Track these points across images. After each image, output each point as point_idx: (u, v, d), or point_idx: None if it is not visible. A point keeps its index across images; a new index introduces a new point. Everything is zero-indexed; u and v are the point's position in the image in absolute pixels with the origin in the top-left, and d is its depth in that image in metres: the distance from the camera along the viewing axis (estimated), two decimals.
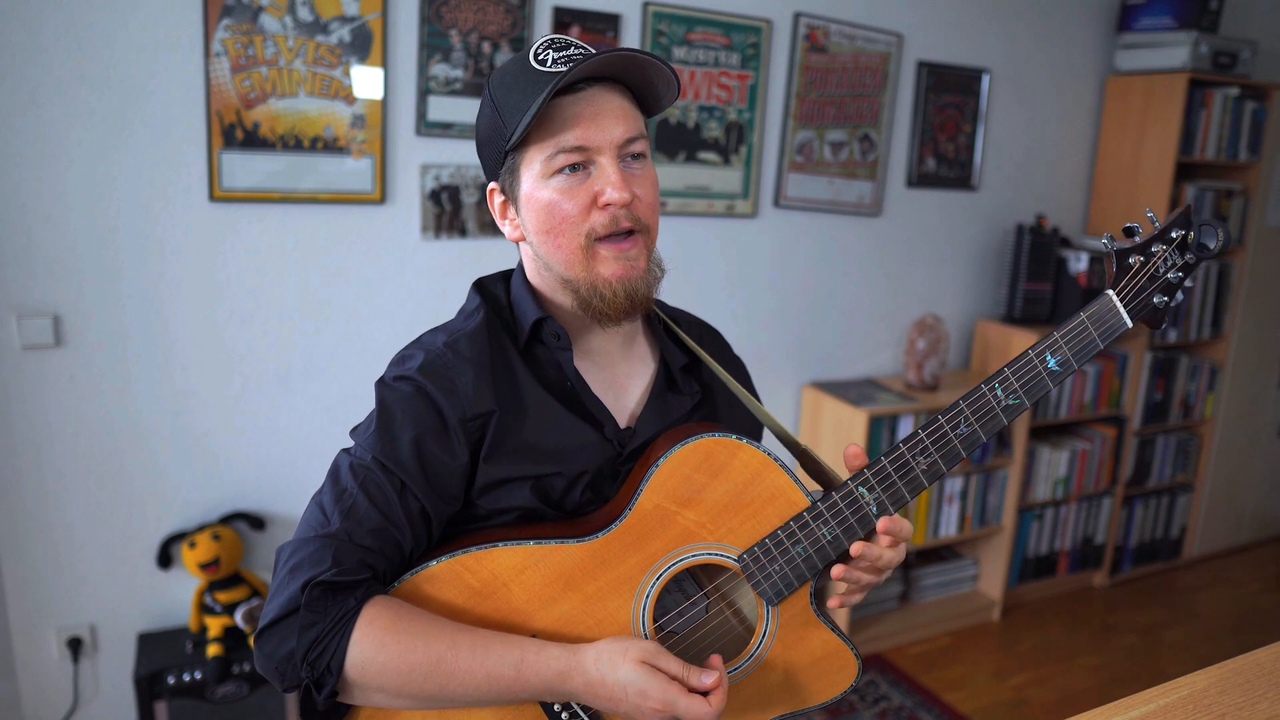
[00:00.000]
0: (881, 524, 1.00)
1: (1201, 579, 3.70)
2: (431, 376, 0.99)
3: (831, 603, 1.07)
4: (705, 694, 0.92)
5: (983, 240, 3.33)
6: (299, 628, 0.89)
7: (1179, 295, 0.99)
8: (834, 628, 1.04)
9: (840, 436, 2.87)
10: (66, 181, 2.06)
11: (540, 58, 0.96)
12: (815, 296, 3.03)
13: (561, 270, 1.01)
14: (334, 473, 0.99)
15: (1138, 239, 0.98)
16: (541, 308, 1.05)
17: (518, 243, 1.07)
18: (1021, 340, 3.14)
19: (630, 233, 0.98)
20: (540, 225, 0.99)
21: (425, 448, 0.97)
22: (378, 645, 0.90)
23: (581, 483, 1.03)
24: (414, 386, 0.99)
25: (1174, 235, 0.97)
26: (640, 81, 0.99)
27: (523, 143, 0.97)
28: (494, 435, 0.99)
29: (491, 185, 1.05)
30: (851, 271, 3.08)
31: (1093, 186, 3.53)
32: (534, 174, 0.98)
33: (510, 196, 1.02)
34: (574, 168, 0.96)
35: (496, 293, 1.10)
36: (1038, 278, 3.20)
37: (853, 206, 3.02)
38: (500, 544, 0.98)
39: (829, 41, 2.84)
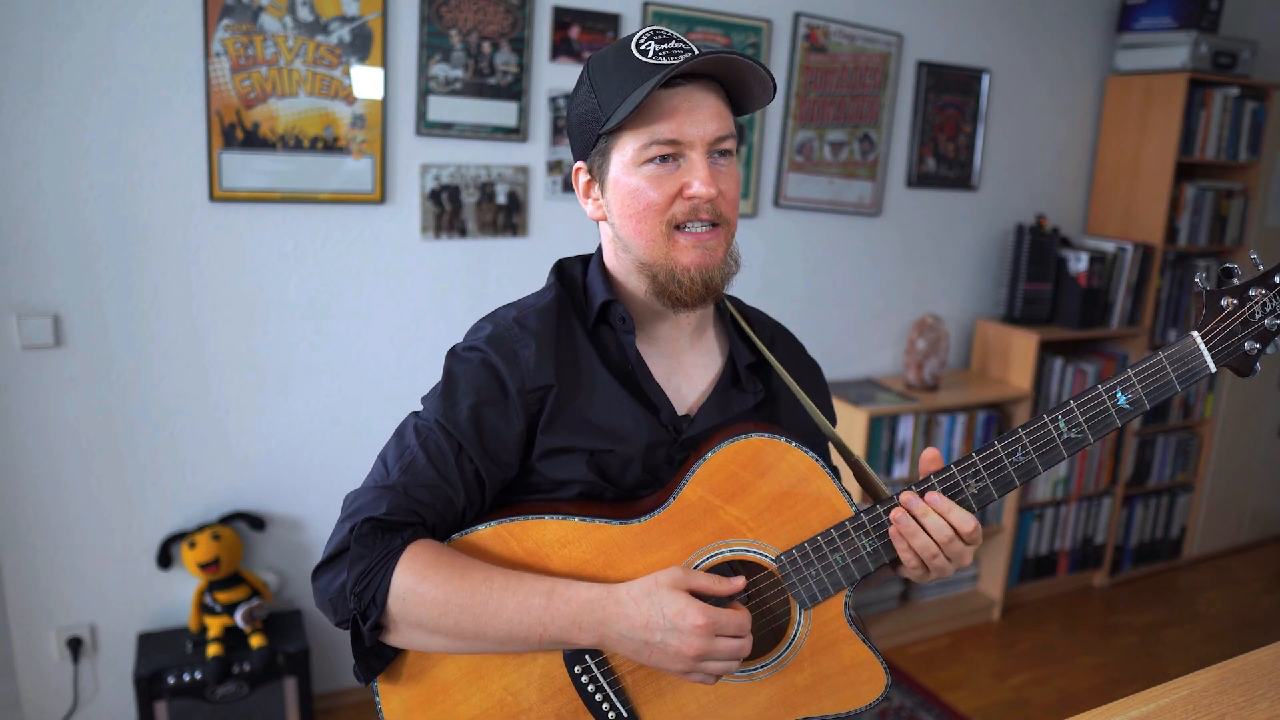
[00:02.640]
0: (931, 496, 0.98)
1: (1201, 579, 3.70)
2: (497, 347, 1.04)
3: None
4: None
5: (983, 240, 3.32)
6: (349, 561, 0.96)
7: (1276, 343, 0.94)
8: (866, 640, 1.04)
9: (840, 436, 2.86)
10: (67, 182, 2.06)
11: (642, 48, 0.99)
12: (815, 296, 3.03)
13: (640, 254, 1.03)
14: (399, 432, 1.05)
15: (1235, 280, 0.95)
16: (612, 291, 1.08)
17: (599, 222, 1.09)
18: (1022, 340, 3.14)
19: (713, 225, 1.02)
20: (625, 209, 1.02)
21: (483, 414, 1.02)
22: (418, 577, 0.94)
23: (636, 463, 1.05)
24: (480, 357, 1.04)
25: (1277, 281, 0.93)
26: (737, 82, 1.02)
27: (618, 128, 0.99)
28: (552, 408, 1.03)
29: (579, 164, 1.07)
30: (851, 271, 3.08)
31: (1093, 186, 3.53)
32: (625, 159, 1.01)
33: (597, 177, 1.05)
34: (665, 158, 0.99)
35: (574, 274, 1.13)
36: (1038, 278, 3.20)
37: (853, 206, 3.02)
38: (547, 516, 1.01)
39: (829, 41, 2.84)
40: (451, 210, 2.44)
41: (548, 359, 1.03)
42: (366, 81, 2.28)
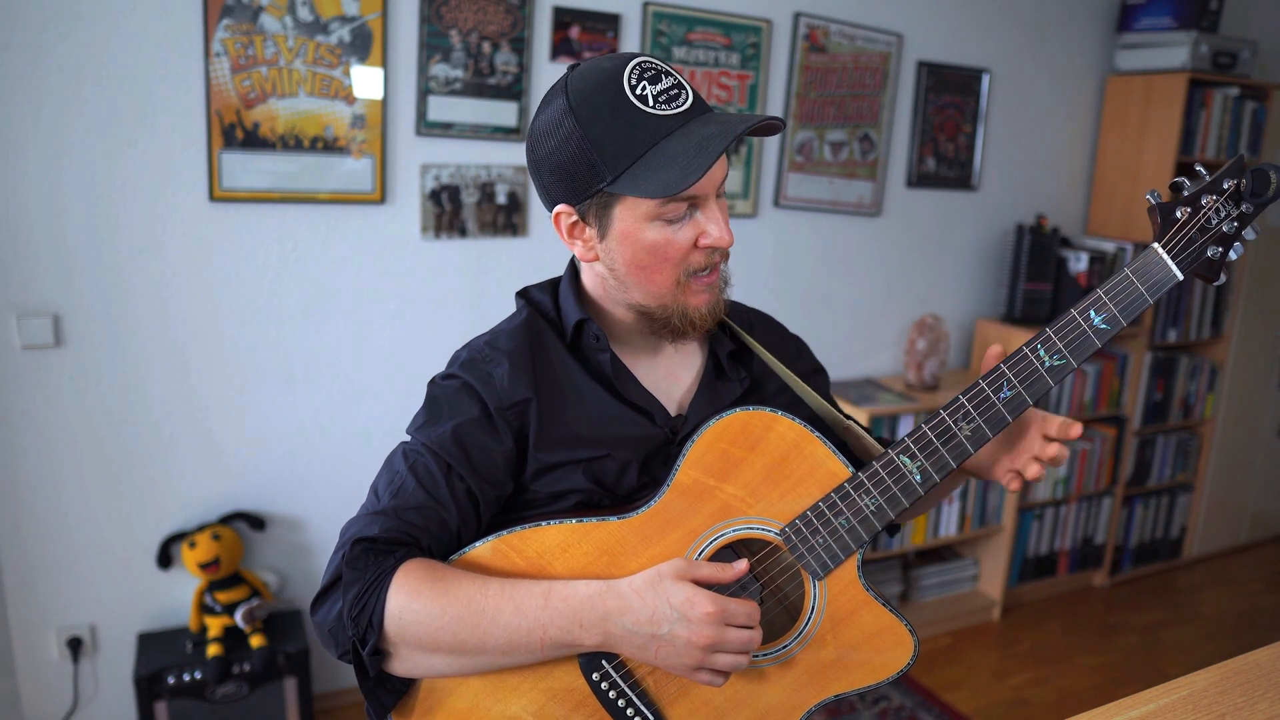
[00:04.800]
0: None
1: (1201, 579, 3.70)
2: (471, 370, 1.05)
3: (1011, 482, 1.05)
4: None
5: (983, 240, 3.32)
6: (343, 587, 0.94)
7: (1237, 246, 0.96)
8: (886, 603, 1.02)
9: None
10: (67, 182, 2.06)
11: (639, 93, 0.94)
12: (815, 296, 3.03)
13: (644, 299, 1.03)
14: (388, 461, 1.05)
15: (1185, 192, 0.96)
16: (585, 310, 1.08)
17: (587, 261, 1.06)
18: (1021, 340, 3.12)
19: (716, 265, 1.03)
20: (637, 261, 1.00)
21: (466, 433, 1.01)
22: (412, 594, 0.92)
23: (634, 467, 1.04)
24: (457, 382, 1.05)
25: (1226, 186, 0.95)
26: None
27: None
28: (538, 423, 1.03)
29: (563, 208, 1.01)
30: (851, 271, 3.08)
31: (1093, 186, 3.53)
32: (638, 214, 0.97)
33: (593, 224, 1.01)
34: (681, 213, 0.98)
35: (541, 298, 1.13)
36: (1038, 278, 3.20)
37: (853, 206, 3.02)
38: (544, 522, 1.00)
39: (829, 41, 2.84)
40: (451, 210, 2.44)
41: (521, 374, 1.03)
42: (366, 81, 2.28)
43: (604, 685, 0.99)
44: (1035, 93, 3.29)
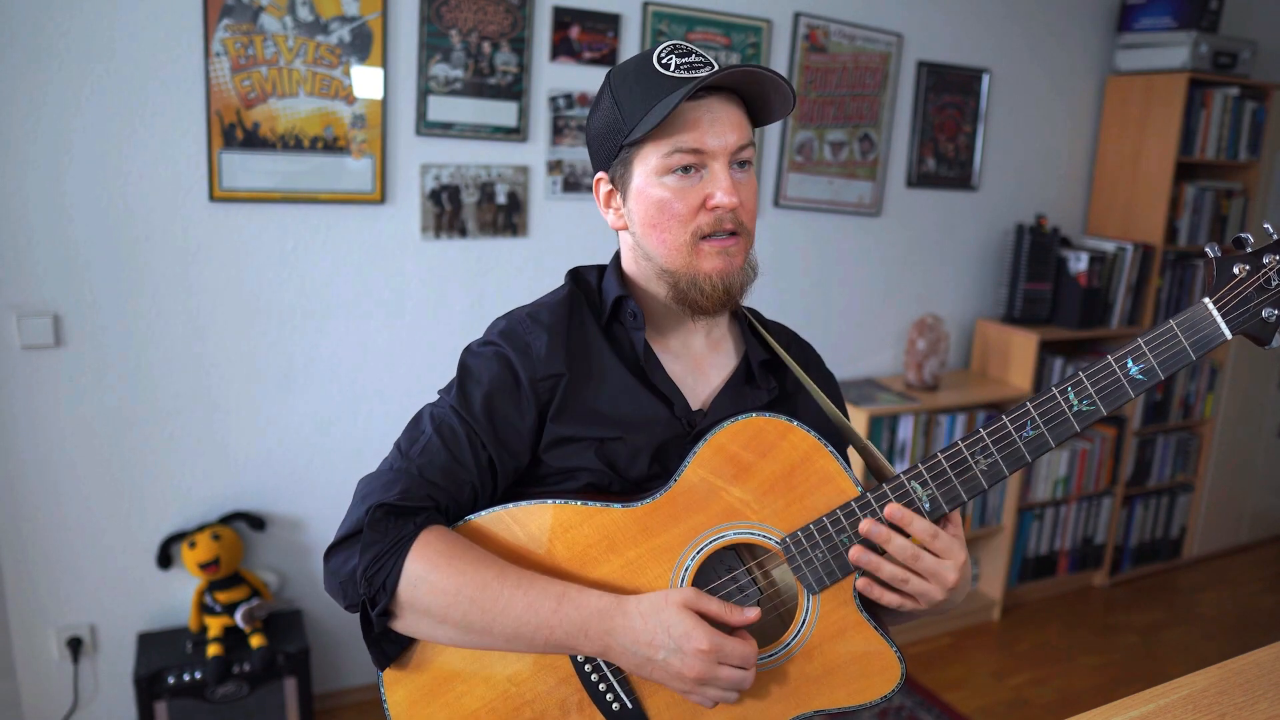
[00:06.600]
0: (890, 510, 0.97)
1: (1201, 579, 3.70)
2: (509, 340, 1.07)
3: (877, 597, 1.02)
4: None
5: (983, 240, 3.32)
6: (361, 546, 0.96)
7: None
8: (878, 627, 1.02)
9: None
10: (67, 182, 2.06)
11: (664, 61, 1.01)
12: (815, 296, 3.03)
13: (662, 262, 1.06)
14: (414, 419, 1.07)
15: (1248, 249, 0.92)
16: (626, 290, 1.11)
17: (619, 231, 1.12)
18: (1022, 340, 3.14)
19: (733, 233, 1.04)
20: (648, 219, 1.04)
21: (495, 403, 1.04)
22: (430, 566, 0.95)
23: (646, 454, 1.05)
24: (494, 350, 1.07)
25: None
26: (757, 95, 1.04)
27: (641, 139, 1.01)
28: (563, 396, 1.05)
29: (600, 175, 1.09)
30: (851, 271, 3.08)
31: (1093, 186, 3.53)
32: (648, 170, 1.02)
33: (619, 187, 1.07)
34: (687, 169, 1.01)
35: (588, 277, 1.16)
36: (1038, 278, 3.20)
37: (853, 206, 3.02)
38: (549, 501, 1.01)
39: (829, 41, 2.84)
40: (451, 210, 2.44)
41: (559, 349, 1.06)
42: (366, 81, 2.28)
43: (588, 668, 1.01)
44: (1035, 93, 3.29)
